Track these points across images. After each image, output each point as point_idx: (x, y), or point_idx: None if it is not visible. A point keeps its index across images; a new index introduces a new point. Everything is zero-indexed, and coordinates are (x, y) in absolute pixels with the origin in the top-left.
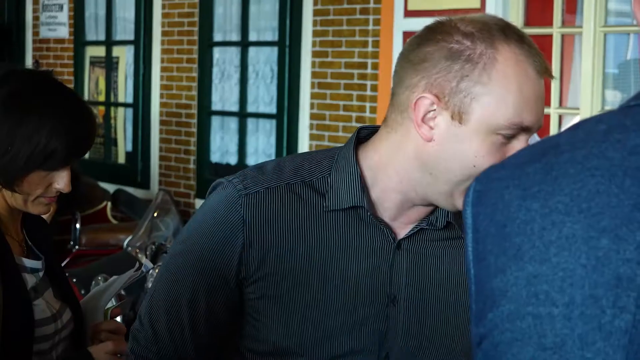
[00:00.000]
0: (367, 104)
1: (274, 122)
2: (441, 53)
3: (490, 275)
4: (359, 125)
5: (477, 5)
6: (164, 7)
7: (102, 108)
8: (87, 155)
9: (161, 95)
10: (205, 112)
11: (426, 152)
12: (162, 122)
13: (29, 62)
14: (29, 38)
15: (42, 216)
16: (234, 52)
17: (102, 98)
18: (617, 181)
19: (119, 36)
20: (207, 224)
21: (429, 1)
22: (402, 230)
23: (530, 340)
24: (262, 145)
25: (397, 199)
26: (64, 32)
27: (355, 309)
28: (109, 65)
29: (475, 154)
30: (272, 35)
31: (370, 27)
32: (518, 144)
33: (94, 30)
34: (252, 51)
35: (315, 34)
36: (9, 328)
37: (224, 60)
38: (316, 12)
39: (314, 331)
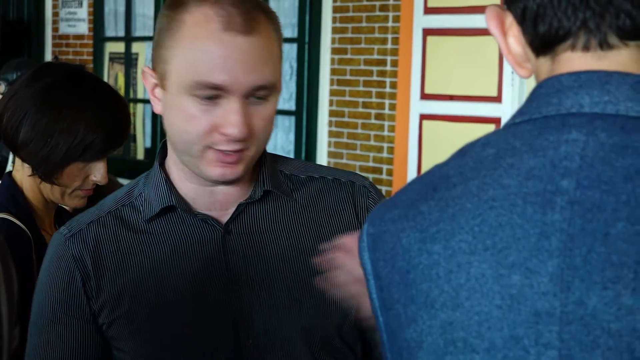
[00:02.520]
0: (386, 101)
1: (292, 118)
2: (156, 28)
3: (402, 326)
4: (378, 122)
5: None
6: None
7: None
8: None
9: None
10: None
11: (166, 128)
12: None
13: (48, 58)
14: (48, 34)
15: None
16: None
17: (121, 94)
18: (518, 210)
19: (138, 32)
20: (47, 276)
21: None
22: (225, 215)
23: None
24: (280, 142)
25: (193, 188)
26: (83, 28)
27: (202, 305)
28: (128, 61)
29: (182, 118)
30: (291, 32)
31: (390, 24)
32: (228, 106)
33: (114, 27)
34: None
35: (335, 30)
36: None
37: None
38: (335, 9)
39: (170, 338)
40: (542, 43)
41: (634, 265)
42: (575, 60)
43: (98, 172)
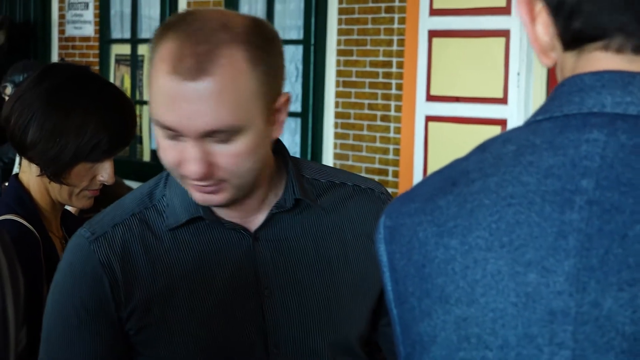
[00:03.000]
0: (392, 103)
1: (298, 120)
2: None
3: (415, 319)
4: (383, 124)
5: (503, 3)
6: (188, 4)
7: None
8: None
9: None
10: None
11: None
12: None
13: (54, 60)
14: (54, 36)
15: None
16: None
17: (128, 97)
18: (537, 208)
19: (144, 34)
20: (70, 281)
21: (454, 0)
22: (253, 222)
23: None
24: (287, 144)
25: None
26: (89, 30)
27: (231, 313)
28: (134, 63)
29: (160, 149)
30: (297, 34)
31: (396, 25)
32: (185, 145)
33: (120, 29)
34: None
35: (340, 32)
36: None
37: None
38: (341, 11)
39: (197, 347)
40: (574, 39)
41: None
42: (603, 60)
43: (105, 172)
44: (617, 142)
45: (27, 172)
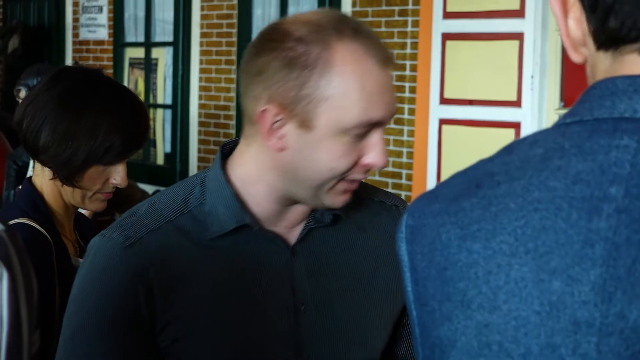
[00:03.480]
0: (405, 106)
1: None
2: (277, 62)
3: (435, 322)
4: (397, 127)
5: (517, 6)
6: (202, 8)
7: None
8: None
9: (200, 97)
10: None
11: (282, 161)
12: (200, 124)
13: (68, 64)
14: (68, 40)
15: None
16: None
17: (141, 99)
18: (563, 215)
19: (158, 38)
20: (100, 289)
21: (468, 2)
22: (291, 234)
23: None
24: None
25: (273, 208)
26: (103, 33)
27: (265, 326)
28: (148, 66)
29: (330, 158)
30: None
31: (409, 28)
32: (374, 138)
33: (133, 32)
34: None
35: None
36: None
37: None
38: (354, 14)
39: (233, 358)
40: (609, 39)
41: None
42: (638, 63)
43: (118, 175)
44: None
45: (40, 175)
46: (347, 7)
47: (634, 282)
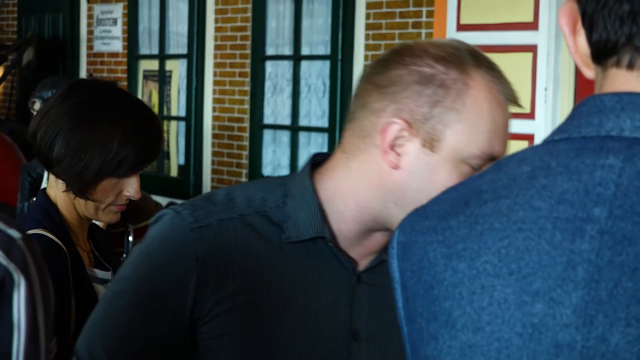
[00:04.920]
0: None
1: (326, 135)
2: (412, 77)
3: (423, 341)
4: None
5: (530, 18)
6: (216, 21)
7: None
8: None
9: (213, 109)
10: (258, 126)
11: (391, 180)
12: (214, 136)
13: (83, 76)
14: (83, 52)
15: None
16: (286, 66)
17: (155, 111)
18: (547, 236)
19: (172, 50)
20: (156, 261)
21: (482, 15)
22: (362, 261)
23: None
24: None
25: (355, 229)
26: (117, 46)
27: (315, 345)
28: (162, 79)
29: (445, 184)
30: (324, 49)
31: None
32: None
33: (147, 44)
34: (304, 65)
35: (368, 47)
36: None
37: (276, 74)
38: (368, 26)
39: None
40: (595, 53)
41: None
42: (619, 77)
43: (131, 188)
44: (634, 169)
45: (54, 187)
46: (360, 19)
47: (615, 305)
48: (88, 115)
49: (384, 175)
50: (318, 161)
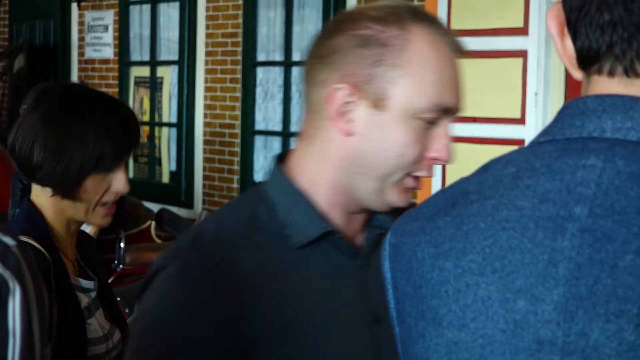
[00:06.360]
0: None
1: None
2: (352, 41)
3: (412, 339)
4: None
5: (520, 24)
6: (207, 27)
7: (146, 128)
8: (131, 175)
9: (205, 115)
10: (249, 132)
11: (350, 149)
12: (205, 142)
13: (74, 82)
14: (74, 58)
15: (89, 233)
16: (277, 72)
17: (146, 118)
18: (529, 234)
19: (163, 56)
20: (186, 317)
21: (472, 20)
22: (359, 243)
23: None
24: None
25: (342, 215)
26: (108, 52)
27: (346, 344)
28: (153, 85)
29: (400, 142)
30: None
31: None
32: (442, 129)
33: (139, 51)
34: (295, 71)
35: None
36: (63, 346)
37: (268, 80)
38: None
39: None
40: (578, 60)
41: (639, 300)
42: (601, 83)
43: (119, 182)
44: (614, 169)
45: (40, 195)
46: None
47: (595, 302)
48: (60, 117)
49: (342, 147)
50: (283, 160)
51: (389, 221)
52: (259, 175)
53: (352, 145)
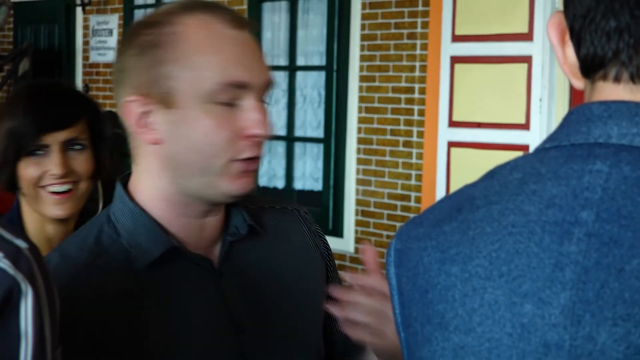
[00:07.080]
0: (414, 129)
1: (321, 146)
2: (131, 52)
3: (418, 344)
4: (406, 149)
5: (525, 29)
6: None
7: None
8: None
9: None
10: None
11: (164, 157)
12: None
13: (78, 86)
14: (79, 63)
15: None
16: (281, 77)
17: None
18: (536, 239)
19: None
20: None
21: (477, 26)
22: (213, 255)
23: None
24: (309, 170)
25: (187, 224)
26: (113, 56)
27: (209, 356)
28: None
29: (204, 132)
30: (319, 60)
31: (418, 51)
32: (247, 104)
33: None
34: (299, 76)
35: (363, 58)
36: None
37: None
38: (363, 37)
39: None
40: (583, 67)
41: None
42: (606, 89)
43: (53, 165)
44: (620, 174)
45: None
46: (355, 29)
47: (602, 305)
48: None
49: (157, 157)
50: (125, 182)
51: (245, 226)
52: (263, 180)
53: (164, 151)
